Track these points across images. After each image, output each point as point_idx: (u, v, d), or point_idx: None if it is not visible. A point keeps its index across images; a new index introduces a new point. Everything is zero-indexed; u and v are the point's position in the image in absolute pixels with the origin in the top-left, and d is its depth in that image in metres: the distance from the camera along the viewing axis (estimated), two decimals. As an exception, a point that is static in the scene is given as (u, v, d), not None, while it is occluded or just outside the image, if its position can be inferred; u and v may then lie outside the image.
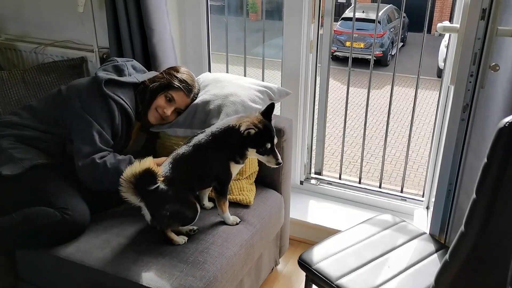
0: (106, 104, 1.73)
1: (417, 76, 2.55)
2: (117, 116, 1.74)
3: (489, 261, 1.15)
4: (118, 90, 1.77)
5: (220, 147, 1.58)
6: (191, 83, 1.87)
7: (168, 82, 1.83)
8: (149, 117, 1.85)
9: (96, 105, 1.72)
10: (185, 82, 1.84)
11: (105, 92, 1.72)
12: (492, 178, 1.02)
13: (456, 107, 1.55)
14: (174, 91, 1.82)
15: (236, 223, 1.70)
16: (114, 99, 1.74)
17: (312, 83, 2.39)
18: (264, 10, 2.52)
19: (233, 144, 1.57)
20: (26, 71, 2.30)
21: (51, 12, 2.55)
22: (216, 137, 1.59)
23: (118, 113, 1.75)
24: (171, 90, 1.82)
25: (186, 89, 1.84)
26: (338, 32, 9.91)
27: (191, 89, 1.86)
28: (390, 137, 6.52)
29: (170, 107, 1.83)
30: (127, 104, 1.78)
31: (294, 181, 2.51)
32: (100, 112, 1.71)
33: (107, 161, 1.65)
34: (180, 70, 1.89)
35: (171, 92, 1.82)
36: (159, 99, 1.82)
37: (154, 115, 1.84)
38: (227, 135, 1.57)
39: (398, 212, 2.34)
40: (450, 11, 12.62)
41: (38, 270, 1.67)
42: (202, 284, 1.43)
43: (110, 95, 1.73)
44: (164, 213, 1.52)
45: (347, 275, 1.47)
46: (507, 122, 0.97)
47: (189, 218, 1.57)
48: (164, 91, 1.82)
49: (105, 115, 1.72)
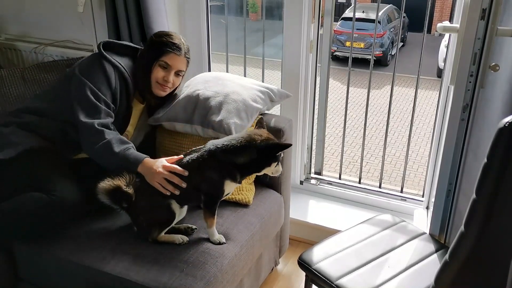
0: (102, 66, 1.73)
1: (417, 76, 2.55)
2: (113, 79, 1.74)
3: (489, 261, 1.15)
4: (116, 57, 1.79)
5: (224, 165, 1.52)
6: (177, 41, 1.80)
7: (155, 51, 1.79)
8: (156, 92, 1.83)
9: (93, 68, 1.73)
10: (171, 43, 1.79)
11: (102, 54, 1.74)
12: (492, 178, 1.02)
13: (456, 107, 1.55)
14: (164, 56, 1.77)
15: (220, 242, 1.59)
16: (111, 61, 1.75)
17: (312, 83, 2.39)
18: (264, 10, 2.52)
19: (246, 153, 1.51)
20: (25, 69, 2.30)
21: (51, 12, 2.55)
22: (226, 143, 1.52)
23: (115, 76, 1.75)
24: (161, 57, 1.77)
25: (174, 49, 1.78)
26: (338, 32, 9.91)
27: (179, 46, 1.79)
28: (390, 137, 6.52)
29: (169, 73, 1.80)
30: (124, 69, 1.77)
31: (294, 181, 2.51)
32: (97, 73, 1.72)
33: (105, 132, 1.63)
34: (161, 33, 1.85)
35: (162, 59, 1.77)
36: (155, 71, 1.79)
37: (159, 87, 1.82)
38: (243, 146, 1.51)
39: (398, 212, 2.34)
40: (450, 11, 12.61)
41: (38, 270, 1.67)
42: (202, 284, 1.43)
43: (106, 57, 1.74)
44: (142, 224, 1.57)
45: (347, 275, 1.47)
46: (507, 122, 0.97)
47: (164, 221, 1.57)
48: (156, 61, 1.78)
49: (102, 76, 1.71)
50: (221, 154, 1.51)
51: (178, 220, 1.62)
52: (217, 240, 1.59)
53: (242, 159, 1.51)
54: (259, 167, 1.54)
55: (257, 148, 1.50)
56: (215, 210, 1.57)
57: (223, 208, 1.75)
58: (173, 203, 1.56)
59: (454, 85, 1.54)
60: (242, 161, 1.51)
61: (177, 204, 1.58)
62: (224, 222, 1.69)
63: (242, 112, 1.82)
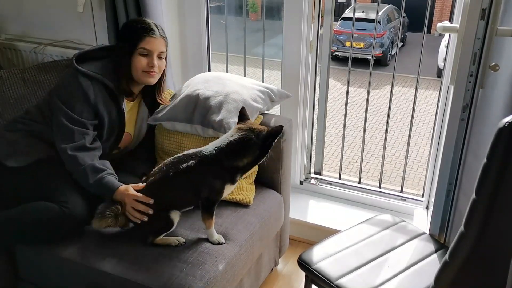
0: (78, 83, 1.68)
1: (417, 76, 2.55)
2: (92, 93, 1.69)
3: (489, 261, 1.15)
4: (92, 64, 1.74)
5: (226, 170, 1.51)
6: (147, 23, 1.73)
7: (129, 41, 1.71)
8: (144, 80, 1.76)
9: (69, 89, 1.69)
10: (142, 27, 1.71)
11: (77, 69, 1.69)
12: (492, 178, 1.02)
13: (456, 107, 1.55)
14: (141, 43, 1.70)
15: (219, 242, 1.59)
16: (87, 74, 1.69)
17: (312, 83, 2.39)
18: (264, 10, 2.52)
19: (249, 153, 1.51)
20: (25, 70, 2.30)
21: (51, 12, 2.55)
22: (229, 148, 1.50)
23: (93, 89, 1.69)
24: (138, 45, 1.70)
25: (149, 32, 1.71)
26: (338, 32, 9.91)
27: (152, 28, 1.72)
28: (390, 137, 6.52)
29: (152, 58, 1.72)
30: (101, 76, 1.71)
31: (293, 181, 2.51)
32: (73, 94, 1.68)
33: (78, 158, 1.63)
34: (127, 23, 1.82)
35: (140, 46, 1.70)
36: (136, 61, 1.71)
37: (146, 76, 1.75)
38: (245, 146, 1.50)
39: (397, 212, 2.34)
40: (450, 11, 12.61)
41: (38, 270, 1.66)
42: (202, 284, 1.43)
43: (82, 71, 1.69)
44: (140, 228, 1.58)
45: (347, 275, 1.47)
46: (507, 122, 0.97)
47: (163, 229, 1.56)
48: (134, 50, 1.71)
49: (79, 95, 1.67)
50: (223, 161, 1.50)
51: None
52: (216, 240, 1.59)
53: (246, 160, 1.51)
54: (260, 159, 1.55)
55: (258, 145, 1.50)
56: (213, 212, 1.57)
57: (223, 208, 1.75)
58: (172, 212, 1.56)
59: (454, 85, 1.54)
60: (245, 162, 1.52)
61: (177, 213, 1.57)
62: (223, 222, 1.69)
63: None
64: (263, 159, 1.55)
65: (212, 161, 1.50)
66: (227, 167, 1.51)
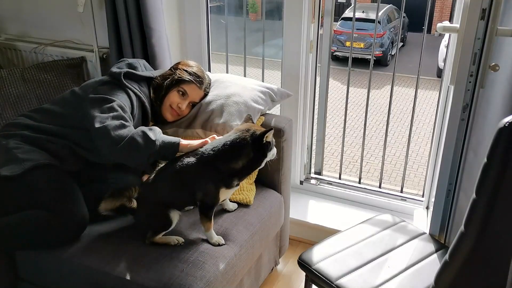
0: (125, 93, 1.71)
1: (417, 76, 2.55)
2: (135, 106, 1.73)
3: (489, 261, 1.15)
4: (135, 84, 1.78)
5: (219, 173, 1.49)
6: (201, 75, 1.88)
7: (179, 77, 1.83)
8: (165, 115, 1.85)
9: (115, 92, 1.68)
10: (195, 74, 1.85)
11: (123, 83, 1.72)
12: (492, 178, 1.02)
13: (456, 107, 1.55)
14: (186, 84, 1.83)
15: (219, 244, 1.58)
16: (133, 90, 1.74)
17: (312, 83, 2.39)
18: (264, 10, 2.52)
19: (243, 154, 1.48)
20: (25, 69, 2.30)
21: (51, 12, 2.55)
22: (225, 149, 1.48)
23: (136, 104, 1.74)
24: (182, 84, 1.83)
25: (197, 81, 1.84)
26: (338, 32, 9.91)
27: (202, 80, 1.87)
28: (390, 137, 6.52)
29: (184, 101, 1.84)
30: (144, 98, 1.79)
31: (294, 181, 2.51)
32: (120, 96, 1.68)
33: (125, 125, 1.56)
34: (189, 63, 1.91)
35: (183, 86, 1.83)
36: (172, 95, 1.82)
37: (170, 111, 1.85)
38: (238, 147, 1.48)
39: (398, 212, 2.34)
40: (450, 11, 12.62)
41: (38, 270, 1.66)
42: (202, 284, 1.43)
43: (129, 86, 1.73)
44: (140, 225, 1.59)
45: (347, 275, 1.47)
46: (507, 122, 0.97)
47: (162, 228, 1.56)
48: (176, 86, 1.82)
49: (124, 100, 1.68)
50: (219, 164, 1.49)
51: None
52: (216, 242, 1.58)
53: (241, 162, 1.50)
54: (257, 162, 1.52)
55: (250, 145, 1.48)
56: (211, 215, 1.56)
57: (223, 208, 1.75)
58: (172, 211, 1.55)
59: (454, 85, 1.54)
60: (241, 164, 1.50)
61: (176, 212, 1.57)
62: (223, 222, 1.69)
63: (244, 114, 1.82)
64: (263, 163, 1.53)
65: (208, 162, 1.49)
66: (223, 170, 1.50)
